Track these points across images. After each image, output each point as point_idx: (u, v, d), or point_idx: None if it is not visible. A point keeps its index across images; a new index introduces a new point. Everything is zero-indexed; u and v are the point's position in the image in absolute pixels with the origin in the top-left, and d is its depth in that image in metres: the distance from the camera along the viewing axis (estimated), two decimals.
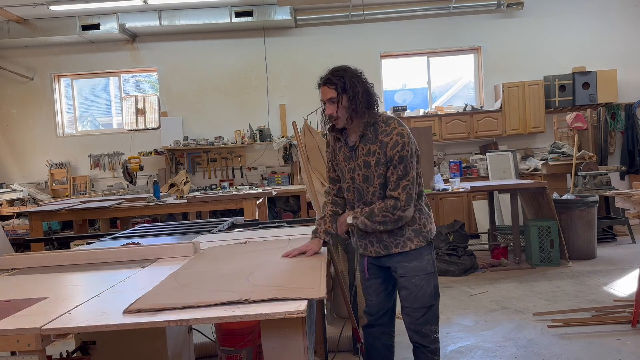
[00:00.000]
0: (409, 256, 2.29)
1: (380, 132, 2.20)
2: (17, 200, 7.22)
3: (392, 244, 2.30)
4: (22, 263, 2.39)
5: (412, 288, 2.30)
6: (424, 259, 2.31)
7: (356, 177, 2.29)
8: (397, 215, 2.20)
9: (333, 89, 2.16)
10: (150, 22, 7.38)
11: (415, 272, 2.29)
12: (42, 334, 1.37)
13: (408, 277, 2.30)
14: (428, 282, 2.31)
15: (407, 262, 2.30)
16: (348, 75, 2.17)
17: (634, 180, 5.91)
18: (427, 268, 2.31)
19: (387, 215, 2.20)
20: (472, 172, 7.54)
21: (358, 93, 2.16)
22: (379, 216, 2.21)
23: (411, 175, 2.20)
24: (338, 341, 3.26)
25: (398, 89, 8.25)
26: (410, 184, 2.20)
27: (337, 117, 2.20)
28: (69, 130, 8.20)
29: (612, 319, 3.58)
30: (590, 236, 5.53)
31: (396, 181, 2.20)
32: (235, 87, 7.97)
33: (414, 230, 2.30)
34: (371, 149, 2.21)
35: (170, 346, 2.28)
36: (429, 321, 2.33)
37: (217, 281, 1.82)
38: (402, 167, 2.18)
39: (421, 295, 2.30)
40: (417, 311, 2.31)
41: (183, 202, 5.32)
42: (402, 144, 2.17)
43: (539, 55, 7.82)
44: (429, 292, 2.31)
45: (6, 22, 7.19)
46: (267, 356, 1.56)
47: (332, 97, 2.17)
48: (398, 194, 2.20)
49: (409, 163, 2.19)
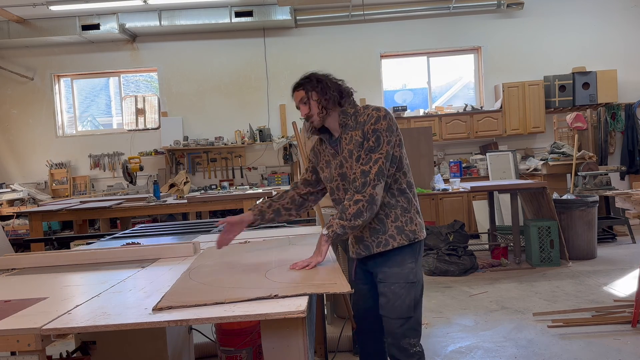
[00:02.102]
0: (389, 261, 2.15)
1: (360, 115, 2.13)
2: (17, 200, 7.22)
3: (374, 243, 2.15)
4: (22, 263, 2.39)
5: (389, 296, 2.14)
6: (406, 266, 2.14)
7: (346, 171, 2.16)
8: (369, 194, 2.02)
9: (301, 89, 2.19)
10: (150, 22, 7.39)
11: (395, 279, 2.14)
12: (42, 334, 1.37)
13: (387, 284, 2.15)
14: (407, 292, 2.13)
15: (387, 267, 2.15)
16: (314, 76, 2.19)
17: (634, 180, 5.91)
18: (409, 277, 2.14)
19: (359, 200, 2.02)
20: (472, 172, 7.54)
21: (326, 86, 2.15)
22: (351, 207, 2.02)
23: (384, 150, 2.04)
24: (338, 341, 3.27)
25: (398, 89, 8.26)
26: (382, 158, 2.04)
27: (312, 114, 2.17)
28: (69, 130, 8.20)
29: (612, 319, 3.57)
30: (590, 236, 5.53)
31: (367, 154, 2.05)
32: (235, 87, 7.97)
33: (397, 227, 2.13)
34: (353, 136, 2.12)
35: (170, 346, 2.28)
36: (407, 334, 2.15)
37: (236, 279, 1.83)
38: (374, 138, 2.05)
39: (399, 305, 2.13)
40: (393, 321, 2.15)
41: (183, 202, 5.32)
42: (377, 117, 2.07)
43: (539, 55, 7.83)
44: (408, 302, 2.13)
45: (6, 22, 7.19)
46: (267, 356, 1.56)
47: (302, 97, 2.18)
48: (369, 167, 2.03)
49: (383, 136, 2.05)
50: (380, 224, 2.14)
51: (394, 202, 2.14)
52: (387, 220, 2.14)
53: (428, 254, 5.33)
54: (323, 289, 1.63)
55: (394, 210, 2.14)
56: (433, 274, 5.19)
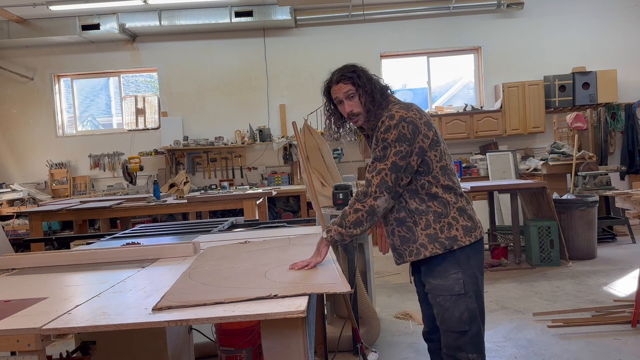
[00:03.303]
0: (432, 272, 2.03)
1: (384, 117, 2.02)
2: (17, 200, 7.22)
3: (406, 251, 2.04)
4: (22, 263, 2.39)
5: (438, 308, 2.03)
6: (450, 277, 1.99)
7: None
8: (369, 205, 1.94)
9: (350, 83, 2.03)
10: (150, 22, 7.39)
11: (439, 291, 2.01)
12: (42, 334, 1.37)
13: (433, 296, 2.05)
14: (455, 305, 1.99)
15: (432, 278, 2.04)
16: (359, 70, 2.08)
17: (634, 180, 5.91)
18: (454, 288, 1.99)
19: (359, 209, 1.94)
20: (472, 172, 7.54)
21: (372, 86, 2.05)
22: (351, 215, 1.96)
23: (389, 161, 1.93)
24: (338, 341, 3.26)
25: (398, 89, 8.25)
26: (386, 170, 1.93)
27: (358, 112, 2.05)
28: (68, 130, 8.21)
29: (612, 319, 3.57)
30: (590, 236, 5.53)
31: (373, 162, 1.98)
32: (235, 87, 7.97)
33: (428, 235, 1.99)
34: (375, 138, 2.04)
35: (170, 346, 2.28)
36: (463, 348, 2.00)
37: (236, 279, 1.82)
38: (381, 148, 1.95)
39: (448, 317, 2.01)
40: (447, 334, 2.03)
41: (183, 202, 5.32)
42: (387, 126, 1.95)
43: (539, 55, 7.83)
44: (458, 315, 1.99)
45: (6, 22, 7.19)
46: (267, 356, 1.56)
47: (349, 90, 2.04)
48: (372, 177, 1.96)
49: (390, 147, 1.93)
50: (409, 232, 2.03)
51: (424, 208, 2.00)
52: (416, 228, 2.01)
53: None
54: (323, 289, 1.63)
55: (425, 216, 2.00)
56: None
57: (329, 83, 2.10)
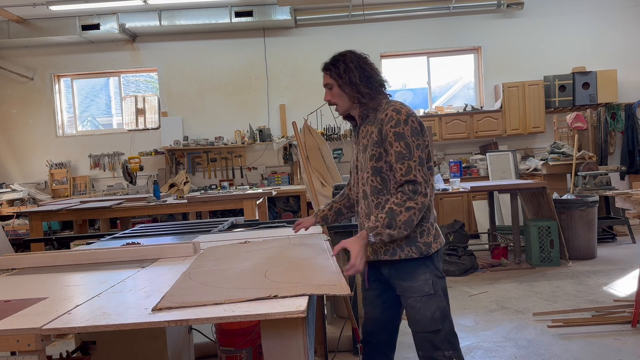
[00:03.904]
0: (401, 273, 2.03)
1: (380, 111, 2.01)
2: (17, 200, 7.22)
3: (382, 249, 2.04)
4: (22, 263, 2.39)
5: (409, 310, 2.04)
6: (419, 278, 2.00)
7: (358, 164, 2.11)
8: (421, 202, 1.89)
9: (328, 75, 2.09)
10: (150, 22, 7.39)
11: (410, 293, 2.01)
12: (42, 334, 1.37)
13: (404, 297, 2.05)
14: (426, 305, 2.00)
15: (401, 280, 2.03)
16: (345, 60, 2.06)
17: (634, 180, 5.91)
18: (424, 289, 2.00)
19: (412, 207, 1.87)
20: (472, 172, 7.54)
21: (355, 77, 2.02)
22: (402, 214, 1.87)
23: (417, 156, 1.91)
24: (338, 341, 3.26)
25: (398, 89, 8.25)
26: (417, 165, 1.90)
27: (335, 103, 2.11)
28: (68, 130, 8.20)
29: (612, 319, 3.58)
30: (590, 236, 5.53)
31: (402, 162, 1.91)
32: (235, 87, 7.97)
33: (407, 237, 2.00)
34: (369, 130, 2.03)
35: (170, 346, 2.28)
36: (439, 347, 2.01)
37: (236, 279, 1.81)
38: (403, 144, 1.91)
39: (420, 318, 2.01)
40: (420, 335, 2.04)
41: (183, 202, 5.32)
42: (397, 120, 1.92)
43: (539, 55, 7.83)
44: (429, 315, 1.99)
45: (6, 22, 7.19)
46: (267, 356, 1.56)
47: (327, 83, 2.10)
48: (414, 176, 1.89)
49: (411, 142, 1.91)
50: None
51: None
52: None
53: None
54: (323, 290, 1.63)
55: None
56: None
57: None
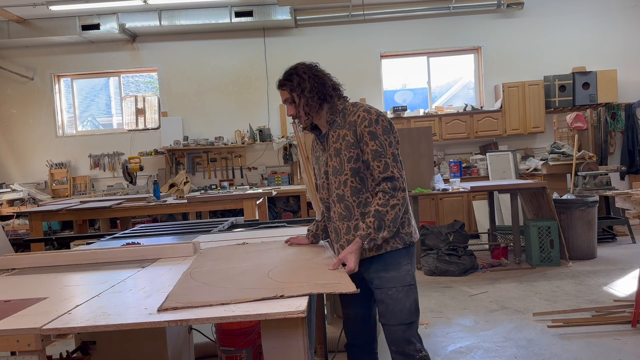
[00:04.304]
0: (386, 265, 2.07)
1: (349, 114, 2.09)
2: (17, 200, 7.22)
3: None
4: (22, 263, 2.39)
5: (388, 302, 2.06)
6: (402, 268, 2.07)
7: (329, 170, 2.13)
8: (402, 197, 2.01)
9: (285, 90, 2.12)
10: (150, 22, 7.39)
11: (393, 283, 2.05)
12: (42, 334, 1.37)
13: (384, 290, 2.07)
14: (407, 296, 2.06)
15: (384, 271, 2.07)
16: (297, 72, 2.10)
17: (634, 180, 5.91)
18: (406, 279, 2.07)
19: (396, 204, 1.98)
20: (472, 172, 7.54)
21: (306, 89, 2.07)
22: (389, 213, 1.98)
23: (390, 153, 2.02)
24: (338, 341, 3.26)
25: (398, 89, 8.26)
26: (394, 162, 2.02)
27: (298, 116, 2.14)
28: (69, 130, 8.21)
29: (612, 319, 3.58)
30: (590, 236, 5.53)
31: (379, 159, 2.01)
32: (235, 87, 7.97)
33: None
34: (340, 134, 2.08)
35: (170, 346, 2.28)
36: (411, 340, 2.07)
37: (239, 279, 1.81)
38: (378, 143, 2.01)
39: (399, 310, 2.05)
40: (396, 329, 2.06)
41: (183, 202, 5.32)
42: (369, 120, 2.02)
43: (539, 55, 7.83)
44: (408, 306, 2.06)
45: (6, 22, 7.19)
46: (267, 356, 1.56)
47: (286, 98, 2.13)
48: (391, 172, 2.01)
49: (383, 140, 2.02)
50: None
51: None
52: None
53: (428, 254, 5.33)
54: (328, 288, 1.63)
55: None
56: (433, 274, 5.18)
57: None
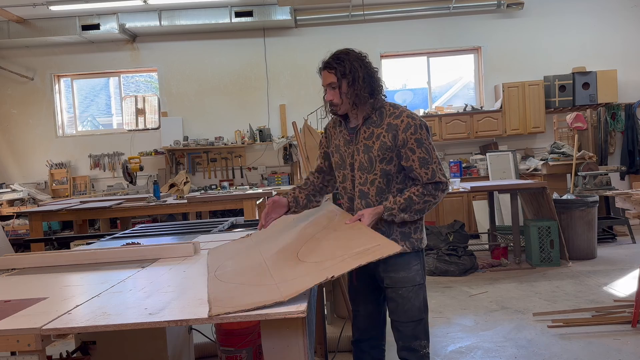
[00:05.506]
0: (395, 265, 2.10)
1: (388, 115, 2.06)
2: (17, 200, 7.22)
3: None
4: (22, 263, 2.39)
5: (399, 300, 2.12)
6: (412, 269, 2.12)
7: (356, 164, 2.12)
8: (440, 197, 2.07)
9: (333, 73, 2.03)
10: (150, 22, 7.38)
11: (403, 283, 2.11)
12: (42, 334, 1.37)
13: (395, 289, 2.12)
14: (416, 295, 2.12)
15: (394, 272, 2.11)
16: (350, 59, 2.04)
17: (634, 180, 5.90)
18: (416, 279, 2.12)
19: (429, 200, 2.04)
20: (472, 172, 7.54)
21: (359, 78, 2.02)
22: (418, 204, 2.04)
23: (435, 157, 2.06)
24: (338, 341, 3.26)
25: (398, 89, 8.25)
26: (439, 166, 2.06)
27: (338, 103, 2.07)
28: (69, 130, 8.20)
29: (612, 319, 3.58)
30: (590, 236, 5.53)
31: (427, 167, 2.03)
32: (235, 87, 7.97)
33: (402, 232, 2.11)
34: (375, 132, 2.05)
35: (170, 346, 2.28)
36: (419, 336, 2.14)
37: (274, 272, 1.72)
38: (424, 150, 2.03)
39: (409, 308, 2.11)
40: (405, 325, 2.13)
41: (183, 202, 5.32)
42: (415, 126, 2.02)
43: (539, 55, 7.83)
44: (418, 305, 2.13)
45: (6, 22, 7.19)
46: (267, 356, 1.56)
47: (331, 82, 2.04)
48: (439, 178, 2.05)
49: (428, 146, 2.04)
50: (386, 226, 2.11)
51: None
52: (393, 224, 2.10)
53: (428, 254, 5.33)
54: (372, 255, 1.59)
55: None
56: (433, 274, 5.19)
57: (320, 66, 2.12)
